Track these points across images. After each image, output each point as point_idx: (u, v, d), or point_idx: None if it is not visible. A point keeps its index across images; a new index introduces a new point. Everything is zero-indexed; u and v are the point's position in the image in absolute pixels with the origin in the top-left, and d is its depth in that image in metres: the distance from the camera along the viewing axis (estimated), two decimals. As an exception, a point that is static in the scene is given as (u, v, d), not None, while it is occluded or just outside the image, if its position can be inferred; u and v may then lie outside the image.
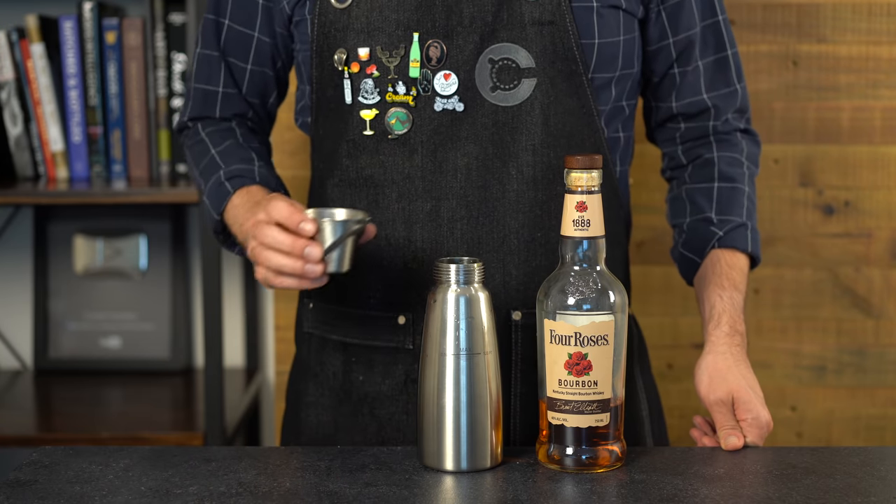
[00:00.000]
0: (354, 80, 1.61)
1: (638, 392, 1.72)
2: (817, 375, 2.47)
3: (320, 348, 1.70)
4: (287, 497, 1.36)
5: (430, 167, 1.60)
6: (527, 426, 1.61)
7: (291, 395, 1.77)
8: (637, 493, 1.37)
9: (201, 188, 1.70)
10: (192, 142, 1.74)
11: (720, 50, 1.71)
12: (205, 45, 1.73)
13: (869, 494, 1.37)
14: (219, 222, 1.66)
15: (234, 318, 2.61)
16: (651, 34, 1.67)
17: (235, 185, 1.64)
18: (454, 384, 1.43)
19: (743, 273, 1.67)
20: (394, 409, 1.64)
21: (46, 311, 2.59)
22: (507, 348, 1.61)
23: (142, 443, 2.20)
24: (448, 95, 1.60)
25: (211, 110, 1.74)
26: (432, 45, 1.59)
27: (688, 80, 1.70)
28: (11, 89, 2.42)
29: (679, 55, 1.69)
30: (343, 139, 1.63)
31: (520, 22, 1.58)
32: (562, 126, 1.60)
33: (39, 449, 1.51)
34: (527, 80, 1.59)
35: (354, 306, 1.65)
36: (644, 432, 1.72)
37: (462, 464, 1.43)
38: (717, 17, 1.70)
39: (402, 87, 1.60)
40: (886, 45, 2.41)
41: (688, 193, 1.72)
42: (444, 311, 1.43)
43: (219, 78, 1.72)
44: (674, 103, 1.72)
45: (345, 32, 1.61)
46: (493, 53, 1.59)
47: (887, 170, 2.43)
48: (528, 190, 1.60)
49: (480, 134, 1.60)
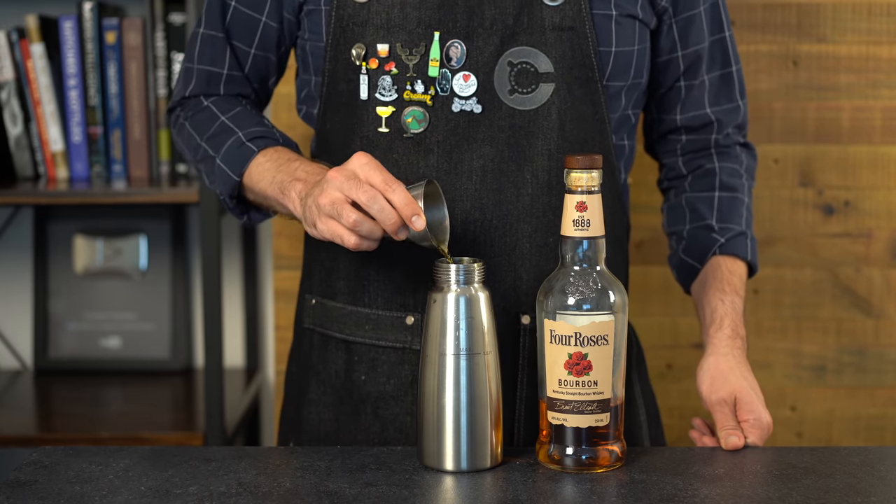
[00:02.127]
0: (372, 77, 1.60)
1: (636, 398, 1.73)
2: (817, 375, 2.47)
3: (322, 345, 1.70)
4: (287, 497, 1.36)
5: (446, 168, 1.59)
6: (531, 430, 1.61)
7: (292, 390, 1.76)
8: (637, 493, 1.37)
9: (208, 154, 1.65)
10: (192, 112, 1.71)
11: (726, 66, 1.73)
12: (208, 26, 1.70)
13: (869, 494, 1.37)
14: (236, 184, 1.62)
15: (234, 318, 2.61)
16: (662, 45, 1.69)
17: (259, 144, 1.61)
18: (454, 384, 1.43)
19: (742, 280, 1.69)
20: (398, 410, 1.64)
21: (46, 311, 2.59)
22: (514, 352, 1.61)
23: (142, 443, 2.20)
24: (466, 97, 1.59)
25: (215, 90, 1.71)
26: (453, 46, 1.59)
27: (693, 93, 1.72)
28: (11, 89, 2.42)
29: (687, 68, 1.71)
30: (356, 135, 1.62)
31: (540, 26, 1.58)
32: (577, 132, 1.61)
33: (39, 449, 1.51)
34: (545, 85, 1.59)
35: (362, 305, 1.65)
36: (641, 436, 1.72)
37: (462, 464, 1.43)
38: (725, 34, 1.73)
39: (420, 86, 1.59)
40: (886, 45, 2.41)
41: (688, 201, 1.74)
42: (444, 311, 1.43)
43: (223, 60, 1.70)
44: (678, 116, 1.74)
45: (364, 27, 1.60)
46: (512, 56, 1.59)
47: (887, 170, 2.43)
48: (542, 195, 1.60)
49: (497, 137, 1.59)
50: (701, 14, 1.69)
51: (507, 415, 1.61)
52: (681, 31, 1.68)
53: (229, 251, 2.60)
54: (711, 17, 1.70)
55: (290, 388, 1.78)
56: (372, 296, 1.64)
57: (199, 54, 1.71)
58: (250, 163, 1.61)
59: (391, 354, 1.63)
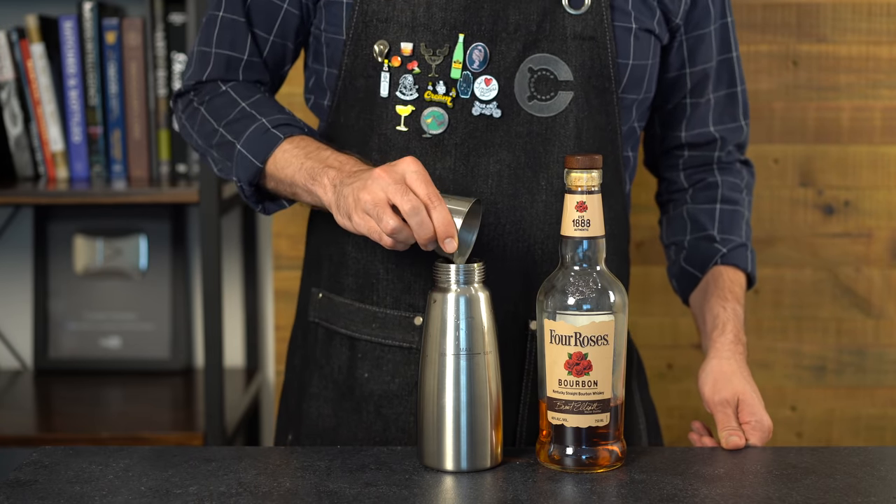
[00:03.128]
0: (394, 75, 1.59)
1: (635, 406, 1.73)
2: (817, 375, 2.47)
3: (326, 340, 1.69)
4: (287, 497, 1.36)
5: (462, 171, 1.59)
6: (533, 434, 1.61)
7: (293, 382, 1.76)
8: (637, 493, 1.37)
9: (226, 139, 1.62)
10: (210, 96, 1.67)
11: (732, 86, 1.75)
12: (228, 9, 1.66)
13: (869, 494, 1.37)
14: (258, 171, 1.60)
15: (234, 318, 2.61)
16: (671, 62, 1.70)
17: (285, 132, 1.59)
18: (454, 384, 1.43)
19: (743, 289, 1.71)
20: (401, 410, 1.63)
21: (46, 311, 2.59)
22: (520, 356, 1.61)
23: (142, 443, 2.20)
24: (487, 101, 1.59)
25: (234, 75, 1.68)
26: (476, 49, 1.58)
27: (699, 112, 1.74)
28: (11, 89, 2.42)
29: (694, 86, 1.73)
30: (374, 132, 1.61)
31: (562, 34, 1.58)
32: (592, 141, 1.61)
33: (39, 449, 1.51)
34: (563, 93, 1.59)
35: (370, 303, 1.64)
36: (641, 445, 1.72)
37: (462, 464, 1.43)
38: (732, 54, 1.74)
39: (441, 87, 1.59)
40: (886, 45, 2.41)
41: (689, 212, 1.76)
42: (444, 312, 1.43)
43: (244, 45, 1.66)
44: (683, 133, 1.75)
45: (387, 24, 1.59)
46: (532, 63, 1.58)
47: (887, 170, 2.43)
48: (556, 202, 1.60)
49: (514, 142, 1.59)
50: (711, 33, 1.70)
51: (509, 418, 1.61)
52: (690, 48, 1.69)
53: (229, 251, 2.60)
54: (721, 38, 1.72)
55: (290, 381, 1.77)
56: (380, 294, 1.63)
57: (219, 38, 1.67)
58: (275, 150, 1.58)
59: (397, 354, 1.63)
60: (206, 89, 1.68)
